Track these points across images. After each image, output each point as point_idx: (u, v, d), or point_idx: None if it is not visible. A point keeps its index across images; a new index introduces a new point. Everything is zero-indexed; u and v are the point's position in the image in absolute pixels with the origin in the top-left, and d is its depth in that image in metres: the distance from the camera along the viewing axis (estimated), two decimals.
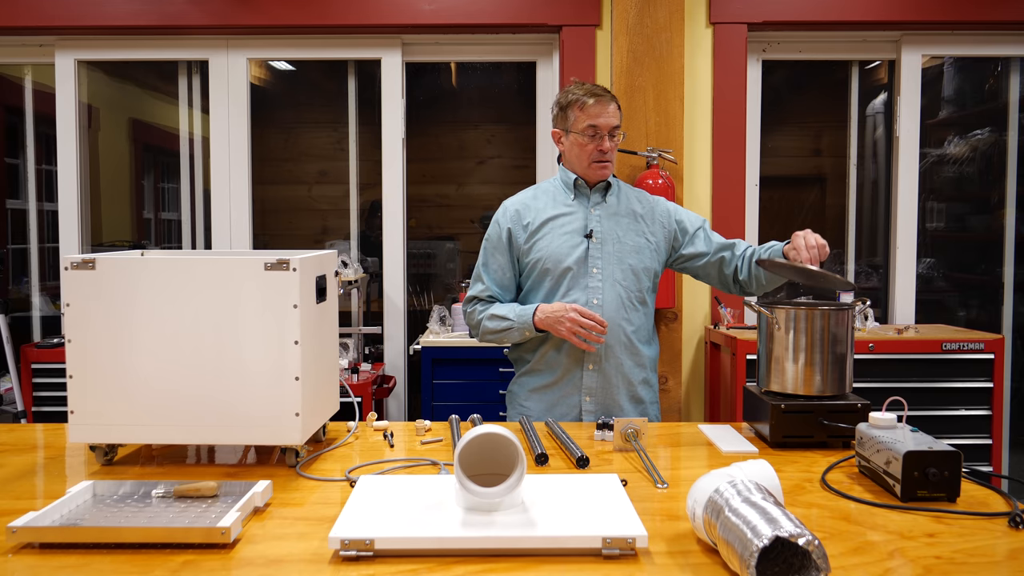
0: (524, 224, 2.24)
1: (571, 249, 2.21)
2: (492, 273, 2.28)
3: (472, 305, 2.30)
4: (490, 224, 2.31)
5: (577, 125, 2.19)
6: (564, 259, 2.20)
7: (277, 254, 1.66)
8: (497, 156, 4.85)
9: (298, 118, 4.91)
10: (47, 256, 4.13)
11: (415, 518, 1.28)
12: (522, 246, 2.24)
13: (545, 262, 2.21)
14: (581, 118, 2.18)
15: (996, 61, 4.05)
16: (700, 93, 3.61)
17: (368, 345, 3.82)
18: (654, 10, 3.42)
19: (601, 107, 2.17)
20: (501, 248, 2.26)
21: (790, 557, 1.11)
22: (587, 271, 2.20)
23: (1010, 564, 1.20)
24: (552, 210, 2.25)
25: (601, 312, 2.19)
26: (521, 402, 2.29)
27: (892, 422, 1.57)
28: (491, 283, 2.27)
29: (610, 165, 2.22)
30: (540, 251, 2.22)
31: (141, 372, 1.64)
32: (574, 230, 2.23)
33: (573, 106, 2.20)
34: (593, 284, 2.20)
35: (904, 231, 3.79)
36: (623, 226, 2.24)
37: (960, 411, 3.28)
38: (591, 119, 2.17)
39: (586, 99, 2.17)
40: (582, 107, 2.18)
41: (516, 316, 2.18)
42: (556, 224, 2.23)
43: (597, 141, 2.18)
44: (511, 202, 2.31)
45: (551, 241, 2.22)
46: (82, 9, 3.60)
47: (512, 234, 2.25)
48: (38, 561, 1.20)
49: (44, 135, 3.99)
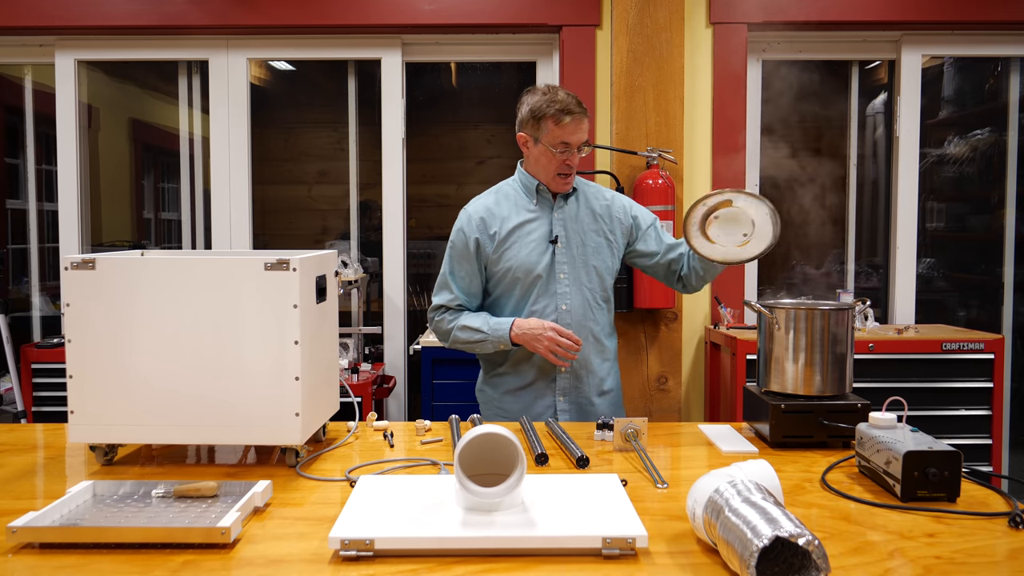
0: (491, 233, 2.22)
1: (539, 256, 2.21)
2: (459, 281, 2.26)
3: (440, 313, 2.28)
4: (453, 231, 2.28)
5: (549, 138, 2.16)
6: (534, 267, 2.20)
7: (277, 254, 1.66)
8: (497, 156, 4.85)
9: (298, 118, 4.91)
10: (47, 256, 4.13)
11: (415, 518, 1.28)
12: (490, 255, 2.23)
13: (515, 271, 2.21)
14: (555, 133, 2.15)
15: (996, 61, 4.05)
16: (700, 93, 3.61)
17: (368, 345, 3.82)
18: (654, 10, 3.42)
19: (576, 125, 2.14)
20: (468, 257, 2.24)
21: (790, 557, 1.11)
22: (555, 276, 2.22)
23: (1010, 564, 1.20)
24: (516, 217, 2.24)
25: (569, 316, 2.21)
26: (497, 403, 2.30)
27: (892, 422, 1.57)
28: (459, 291, 2.26)
29: (572, 178, 2.22)
30: (509, 260, 2.21)
31: (141, 372, 1.64)
32: (540, 236, 2.22)
33: (548, 119, 2.15)
34: (561, 290, 2.22)
35: (904, 231, 3.79)
36: (585, 227, 2.25)
37: (960, 411, 3.28)
38: (565, 136, 2.14)
39: (563, 116, 2.13)
40: (557, 122, 2.14)
41: (490, 329, 2.18)
42: (522, 232, 2.23)
43: (567, 156, 2.16)
44: (474, 209, 2.28)
45: (519, 250, 2.21)
46: (82, 9, 3.60)
47: (480, 244, 2.23)
48: (38, 561, 1.20)
49: (44, 135, 3.99)
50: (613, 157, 3.45)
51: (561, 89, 2.20)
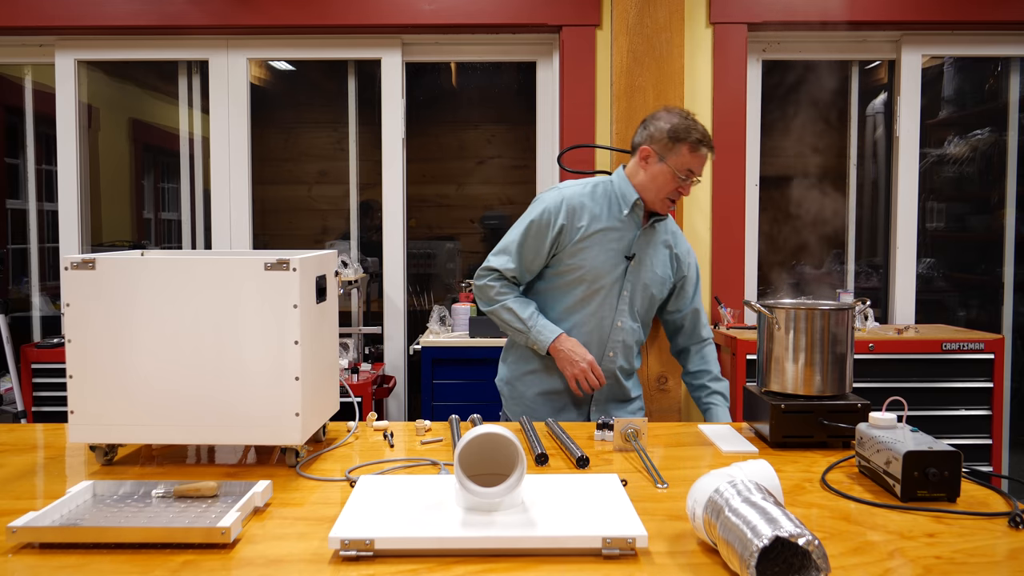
0: (578, 226, 2.19)
1: (612, 268, 2.21)
2: (524, 255, 2.23)
3: (492, 278, 2.25)
4: (540, 208, 2.22)
5: (678, 162, 2.14)
6: (603, 276, 2.20)
7: (277, 254, 1.66)
8: (497, 156, 4.85)
9: (298, 118, 4.91)
10: (47, 256, 4.13)
11: (415, 518, 1.28)
12: (567, 246, 2.20)
13: (585, 273, 2.20)
14: (687, 159, 2.13)
15: (996, 61, 4.05)
16: (700, 93, 3.61)
17: (368, 345, 3.82)
18: (654, 10, 3.42)
19: (705, 159, 2.17)
20: (543, 237, 2.20)
21: (790, 557, 1.11)
22: (619, 292, 2.23)
23: (1010, 564, 1.20)
24: (605, 221, 2.21)
25: (622, 334, 2.25)
26: (529, 403, 2.30)
27: (892, 422, 1.57)
28: (518, 264, 2.23)
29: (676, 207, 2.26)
30: (584, 260, 2.20)
31: (141, 372, 1.64)
32: (619, 249, 2.22)
33: (685, 144, 2.13)
34: (620, 306, 2.24)
35: (904, 231, 3.79)
36: (657, 256, 2.27)
37: (960, 411, 3.28)
38: (694, 165, 2.15)
39: (700, 146, 2.13)
40: (693, 150, 2.13)
41: (533, 328, 2.19)
42: (605, 238, 2.21)
43: (682, 186, 2.17)
44: (569, 195, 2.22)
45: (597, 255, 2.19)
46: (82, 9, 3.60)
47: (563, 230, 2.19)
48: (38, 561, 1.20)
49: (44, 135, 3.99)
50: (613, 157, 3.45)
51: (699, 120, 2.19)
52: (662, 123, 2.17)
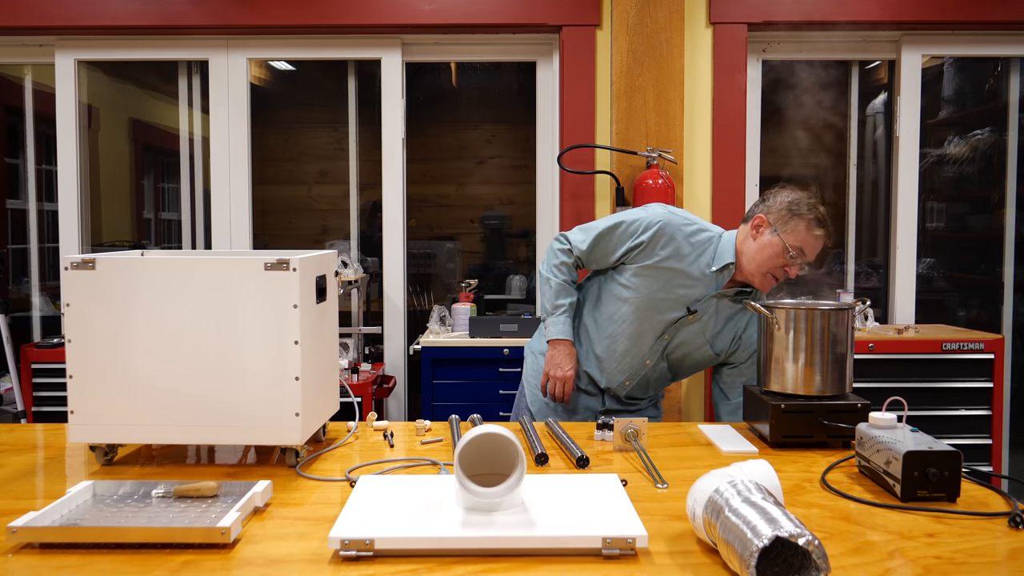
0: (659, 252, 2.12)
1: (665, 312, 2.14)
2: (597, 250, 2.19)
3: (562, 248, 2.23)
4: (638, 214, 2.16)
5: (791, 238, 2.03)
6: (651, 314, 2.15)
7: (277, 254, 1.66)
8: (497, 156, 4.85)
9: (298, 118, 4.91)
10: (47, 256, 4.13)
11: (415, 518, 1.28)
12: (634, 263, 2.15)
13: (638, 298, 2.15)
14: (800, 237, 2.03)
15: (996, 61, 4.05)
16: (700, 93, 3.61)
17: (368, 345, 3.82)
18: (654, 10, 3.42)
19: (819, 243, 2.05)
20: (623, 243, 2.15)
21: (790, 557, 1.11)
22: (659, 336, 2.18)
23: (1010, 564, 1.20)
24: (686, 265, 2.12)
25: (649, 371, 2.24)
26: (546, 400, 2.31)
27: (892, 422, 1.57)
28: (589, 250, 2.20)
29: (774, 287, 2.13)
30: (640, 289, 2.14)
31: (141, 372, 1.64)
32: (683, 297, 2.13)
33: (802, 220, 2.03)
34: (655, 348, 2.20)
35: (904, 231, 3.79)
36: (720, 327, 2.19)
37: (960, 411, 3.28)
38: (805, 245, 2.04)
39: (818, 229, 2.03)
40: (809, 229, 2.03)
41: (553, 316, 2.22)
42: (675, 278, 2.12)
43: (789, 264, 2.06)
44: (669, 221, 2.13)
45: (658, 290, 2.13)
46: (82, 9, 3.60)
47: (643, 247, 2.12)
48: (38, 561, 1.20)
49: (44, 135, 3.99)
50: (613, 157, 3.45)
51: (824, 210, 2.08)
52: (783, 196, 2.09)
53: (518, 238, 4.72)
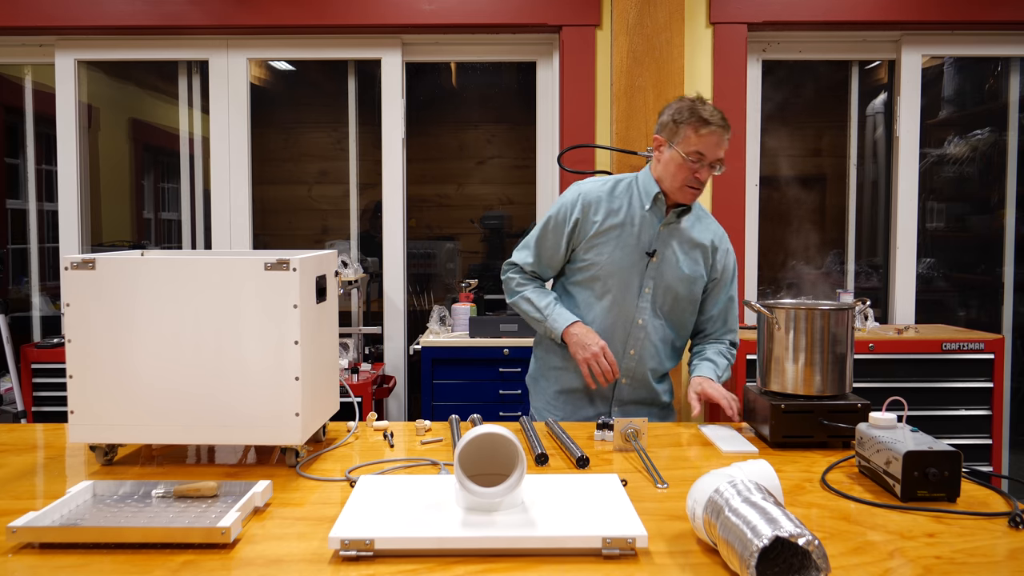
0: (593, 220, 2.17)
1: (630, 265, 2.17)
2: (543, 251, 2.24)
3: (514, 272, 2.28)
4: (559, 203, 2.22)
5: (685, 145, 2.08)
6: (619, 273, 2.17)
7: (277, 254, 1.66)
8: (497, 156, 4.85)
9: (298, 118, 4.91)
10: (47, 256, 4.13)
11: (415, 518, 1.28)
12: (583, 241, 2.18)
13: (600, 268, 2.17)
14: (692, 141, 2.07)
15: (996, 61, 4.05)
16: (700, 93, 3.61)
17: (368, 345, 3.82)
18: (654, 10, 3.41)
19: (716, 138, 2.07)
20: (561, 232, 2.20)
21: (790, 557, 1.11)
22: (639, 291, 2.18)
23: (1010, 564, 1.20)
24: (624, 215, 2.17)
25: (643, 332, 2.20)
26: (548, 399, 2.29)
27: (892, 422, 1.57)
28: (537, 260, 2.25)
29: (699, 193, 2.15)
30: (599, 256, 2.17)
31: (141, 372, 1.64)
32: (638, 245, 2.17)
33: (689, 124, 2.07)
34: (642, 304, 2.19)
35: (904, 231, 3.79)
36: (685, 253, 2.20)
37: (960, 411, 3.28)
38: (701, 146, 2.07)
39: (703, 126, 2.06)
40: (696, 130, 2.06)
41: (549, 316, 2.19)
42: (623, 233, 2.17)
43: (696, 168, 2.08)
44: (588, 190, 2.20)
45: (613, 251, 2.16)
46: (82, 9, 3.60)
47: (578, 225, 2.18)
48: (38, 561, 1.20)
49: (44, 135, 3.99)
50: (613, 157, 3.45)
51: (709, 103, 2.12)
52: (667, 112, 2.15)
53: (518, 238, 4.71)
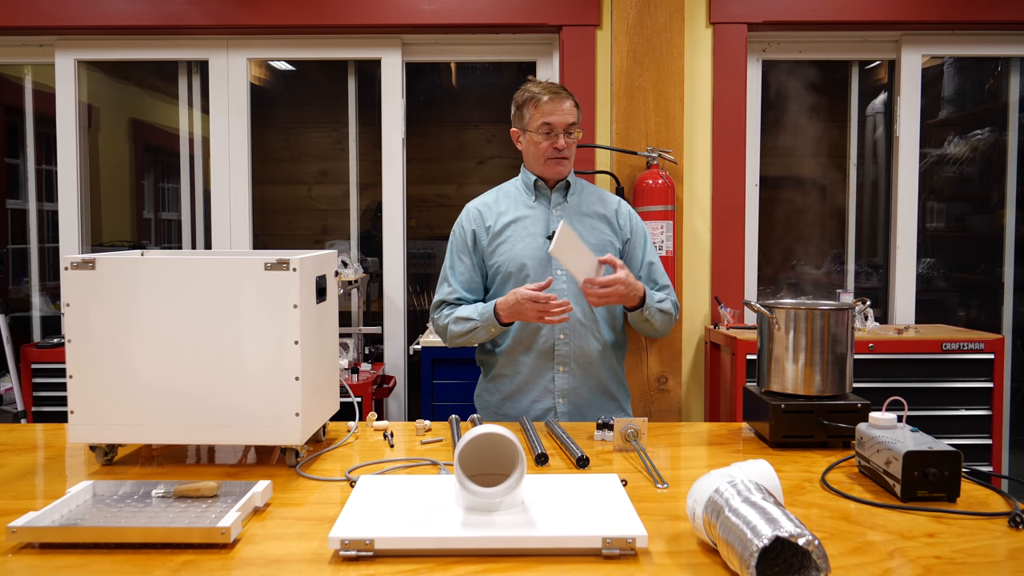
0: (487, 226, 2.25)
1: (533, 251, 2.21)
2: (459, 275, 2.27)
3: (439, 311, 2.28)
4: (455, 226, 2.31)
5: (532, 123, 2.19)
6: (526, 261, 2.20)
7: (277, 254, 1.66)
8: (497, 156, 4.85)
9: (298, 118, 4.91)
10: (47, 256, 4.13)
11: (415, 518, 1.28)
12: (485, 248, 2.25)
13: (507, 265, 2.21)
14: (536, 116, 2.18)
15: (996, 61, 4.05)
16: (700, 93, 3.61)
17: (368, 345, 3.82)
18: (654, 10, 3.41)
19: (555, 104, 2.16)
20: (465, 250, 2.26)
21: (790, 557, 1.11)
22: (551, 272, 2.20)
23: (1010, 564, 1.20)
24: (514, 212, 2.25)
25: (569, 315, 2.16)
26: (495, 409, 2.28)
27: (892, 422, 1.57)
28: (458, 285, 2.26)
29: (567, 162, 2.22)
30: (502, 254, 2.22)
31: (141, 372, 1.64)
32: (536, 232, 2.22)
33: (528, 104, 2.19)
34: (558, 287, 2.20)
35: (904, 231, 3.79)
36: (585, 226, 2.24)
37: (960, 411, 3.28)
38: (545, 116, 2.16)
39: (541, 96, 2.17)
40: (536, 104, 2.17)
41: (479, 315, 2.18)
42: (518, 227, 2.24)
43: (552, 139, 2.17)
44: (473, 203, 2.32)
45: (513, 244, 2.22)
46: (82, 9, 3.60)
47: (476, 236, 2.25)
48: (38, 561, 1.20)
49: (44, 135, 3.99)
50: (613, 157, 3.45)
51: (544, 79, 2.23)
52: (513, 103, 2.27)
53: None
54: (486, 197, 2.34)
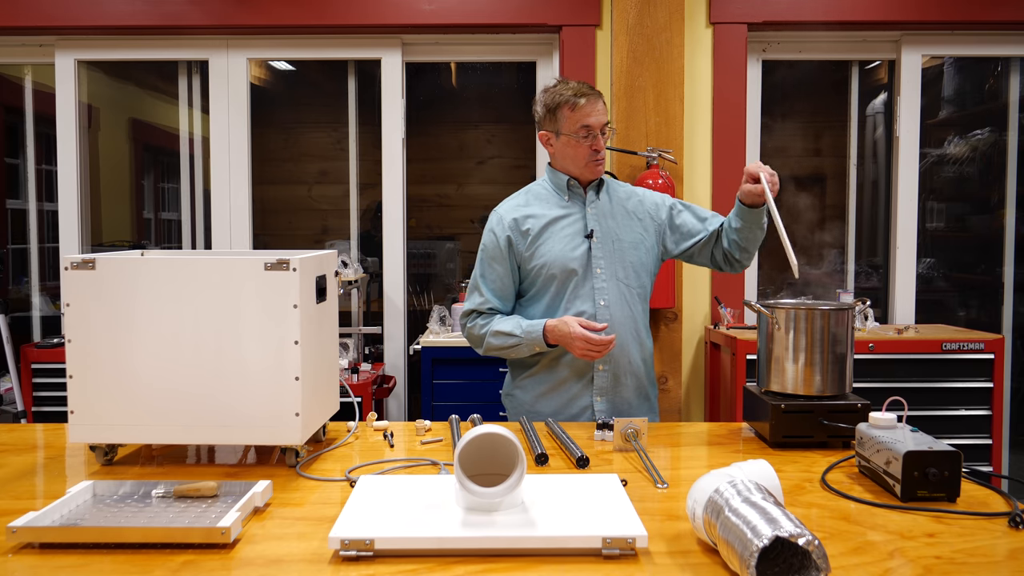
0: (524, 230, 2.20)
1: (573, 251, 2.18)
2: (490, 284, 2.23)
3: (472, 319, 2.25)
4: (485, 234, 2.26)
5: (569, 126, 2.16)
6: (568, 262, 2.17)
7: (277, 254, 1.66)
8: (497, 156, 4.85)
9: (298, 118, 4.91)
10: (47, 256, 4.13)
11: (415, 518, 1.28)
12: (523, 253, 2.20)
13: (550, 267, 2.18)
14: (572, 119, 2.15)
15: (996, 61, 4.05)
16: (700, 93, 3.61)
17: (368, 345, 3.82)
18: (654, 10, 3.42)
19: (592, 106, 2.14)
20: (500, 258, 2.21)
21: (790, 557, 1.11)
22: (591, 272, 2.19)
23: (1010, 564, 1.20)
24: (550, 213, 2.22)
25: (608, 312, 2.17)
26: (529, 407, 2.25)
27: (892, 422, 1.57)
28: (490, 294, 2.23)
29: (604, 163, 2.22)
30: (543, 256, 2.18)
31: (141, 372, 1.64)
32: (574, 232, 2.20)
33: (563, 107, 2.15)
34: (599, 285, 2.19)
35: (904, 231, 3.79)
36: (620, 223, 2.23)
37: (960, 411, 3.28)
38: (583, 119, 2.13)
39: (577, 100, 2.13)
40: (573, 108, 2.14)
41: (524, 332, 2.15)
42: (556, 228, 2.20)
43: (591, 140, 2.15)
44: (506, 210, 2.26)
45: (553, 245, 2.19)
46: (82, 9, 3.60)
47: (512, 242, 2.20)
48: (38, 561, 1.20)
49: (44, 135, 3.99)
50: (613, 157, 3.45)
51: (570, 79, 2.20)
52: (539, 105, 2.23)
53: None
54: (515, 200, 2.28)
